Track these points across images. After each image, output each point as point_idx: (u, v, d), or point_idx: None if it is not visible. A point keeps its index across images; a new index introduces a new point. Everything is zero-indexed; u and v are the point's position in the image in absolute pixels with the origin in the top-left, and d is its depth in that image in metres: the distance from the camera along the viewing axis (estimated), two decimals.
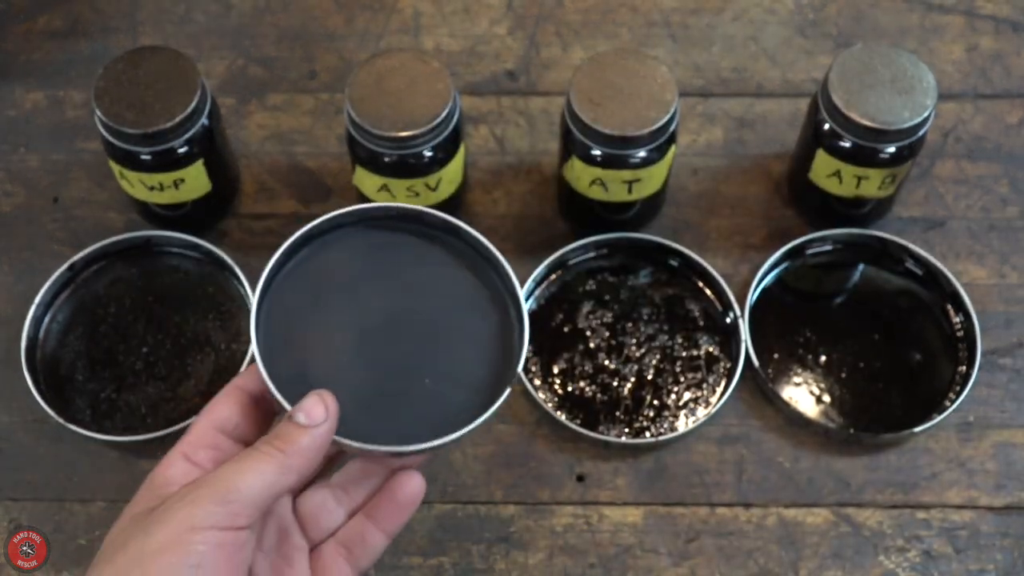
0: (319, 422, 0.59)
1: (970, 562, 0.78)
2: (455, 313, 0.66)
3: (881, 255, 0.88)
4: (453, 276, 0.66)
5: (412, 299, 0.66)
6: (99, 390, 0.82)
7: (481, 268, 0.67)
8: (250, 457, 0.58)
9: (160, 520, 0.56)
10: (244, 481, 0.56)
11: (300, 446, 0.58)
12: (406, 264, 0.66)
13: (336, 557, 0.64)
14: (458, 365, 0.65)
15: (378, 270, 0.67)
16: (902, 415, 0.82)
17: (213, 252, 0.86)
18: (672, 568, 0.78)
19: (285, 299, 0.65)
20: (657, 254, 0.87)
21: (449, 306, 0.66)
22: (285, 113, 0.94)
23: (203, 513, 0.55)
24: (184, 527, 0.55)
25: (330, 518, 0.64)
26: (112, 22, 0.98)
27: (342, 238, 0.67)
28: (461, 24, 0.98)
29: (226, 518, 0.55)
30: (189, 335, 0.84)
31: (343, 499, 0.64)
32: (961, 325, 0.85)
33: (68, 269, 0.85)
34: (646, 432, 0.81)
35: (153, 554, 0.54)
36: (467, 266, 0.67)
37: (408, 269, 0.66)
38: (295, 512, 0.64)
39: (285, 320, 0.64)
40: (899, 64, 0.81)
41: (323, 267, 0.66)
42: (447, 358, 0.65)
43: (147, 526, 0.56)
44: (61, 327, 0.85)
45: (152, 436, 0.80)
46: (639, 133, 0.79)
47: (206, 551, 0.54)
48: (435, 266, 0.66)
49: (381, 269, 0.67)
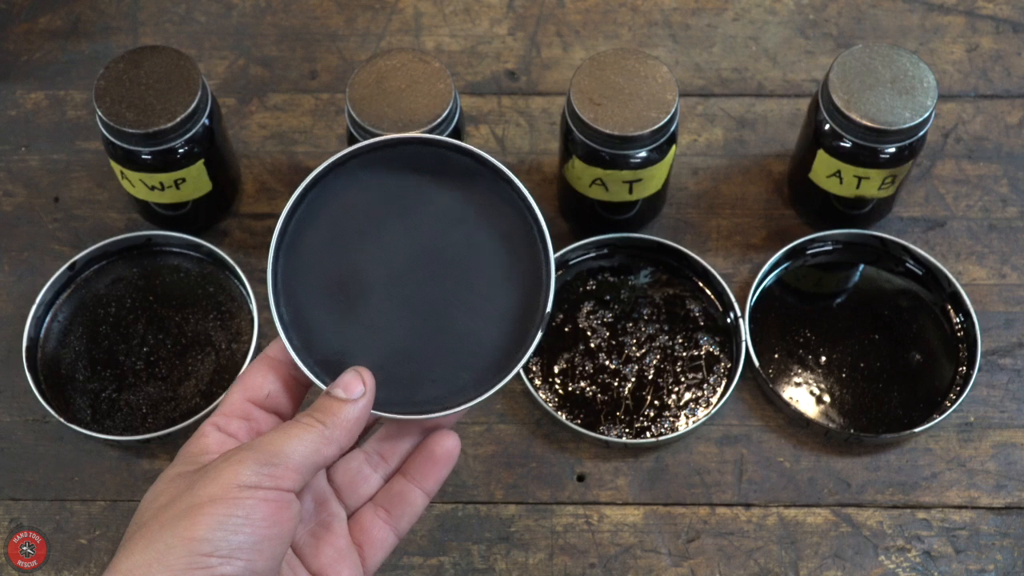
0: (357, 396, 0.60)
1: (970, 562, 0.78)
2: (479, 244, 0.64)
3: (881, 255, 0.88)
4: (474, 207, 0.64)
5: (435, 234, 0.64)
6: (100, 390, 0.82)
7: (500, 196, 0.64)
8: (293, 427, 0.58)
9: (207, 477, 0.55)
10: (289, 446, 0.57)
11: (340, 418, 0.59)
12: (425, 197, 0.64)
13: (375, 520, 0.63)
14: (489, 301, 0.63)
15: (396, 206, 0.64)
16: (902, 415, 0.82)
17: (214, 252, 0.86)
18: (672, 568, 0.78)
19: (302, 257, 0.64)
20: (658, 254, 0.87)
21: (472, 238, 0.64)
22: (286, 113, 0.94)
23: (249, 471, 0.55)
24: (231, 484, 0.54)
25: (366, 484, 0.64)
26: (113, 22, 0.98)
27: (354, 177, 0.65)
28: (462, 24, 0.98)
29: (271, 480, 0.55)
30: (190, 335, 0.84)
31: (379, 464, 0.64)
32: (961, 325, 0.85)
33: (69, 269, 0.85)
34: (647, 432, 0.81)
35: (201, 506, 0.54)
36: (486, 195, 0.64)
37: (428, 202, 0.64)
38: (331, 481, 0.63)
39: (306, 281, 0.63)
40: (899, 64, 0.81)
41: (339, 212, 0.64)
42: (477, 295, 0.63)
43: (192, 483, 0.56)
44: (62, 327, 0.85)
45: (152, 436, 0.80)
46: (640, 133, 0.79)
47: (254, 504, 0.54)
48: (454, 198, 0.64)
49: (399, 205, 0.64)
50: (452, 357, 0.63)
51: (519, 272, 0.63)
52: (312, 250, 0.64)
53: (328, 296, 0.63)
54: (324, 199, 0.64)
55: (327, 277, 0.63)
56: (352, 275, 0.63)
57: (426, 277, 0.63)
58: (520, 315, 0.63)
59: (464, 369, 0.63)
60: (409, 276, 0.63)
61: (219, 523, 0.54)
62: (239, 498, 0.54)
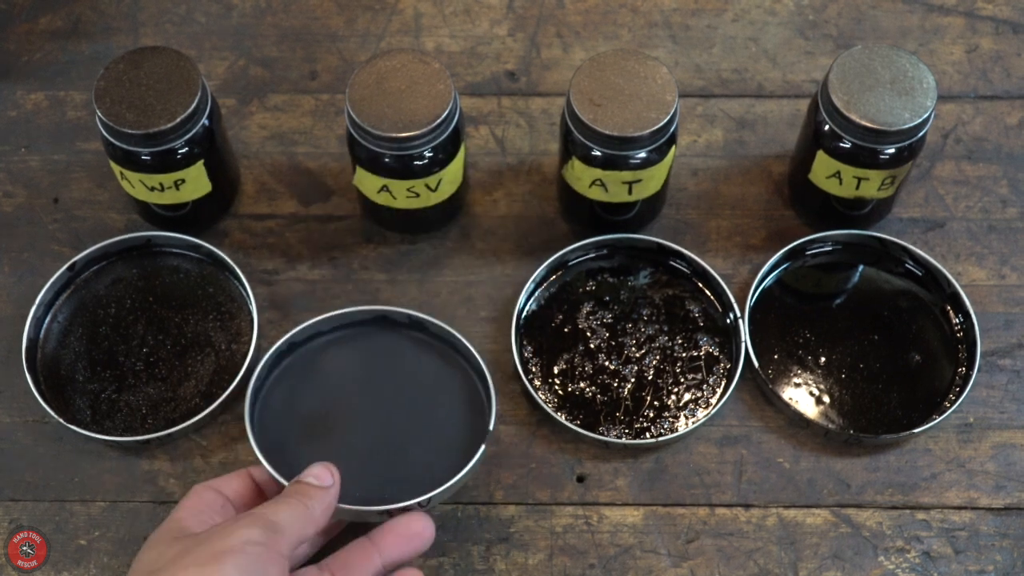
0: (328, 484, 0.70)
1: (970, 563, 0.78)
2: (429, 393, 0.79)
3: (881, 256, 0.88)
4: (425, 363, 0.80)
5: (391, 390, 0.79)
6: (100, 391, 0.82)
7: (446, 352, 0.80)
8: (284, 504, 0.68)
9: (221, 535, 0.65)
10: (284, 518, 0.67)
11: (317, 500, 0.69)
12: (382, 359, 0.80)
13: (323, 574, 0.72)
14: (437, 435, 0.77)
15: (359, 367, 0.80)
16: (901, 416, 0.82)
17: (214, 252, 0.86)
18: (672, 568, 0.78)
19: (274, 402, 0.78)
20: (657, 255, 0.87)
21: (423, 389, 0.79)
22: (286, 113, 0.94)
23: (257, 533, 0.65)
24: (245, 540, 0.65)
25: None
26: (113, 22, 0.98)
27: (323, 343, 0.81)
28: (462, 25, 0.98)
29: (273, 543, 0.66)
30: (189, 335, 0.84)
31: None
32: (961, 326, 0.85)
33: (68, 269, 0.85)
34: (646, 433, 0.81)
35: (224, 554, 0.64)
36: (434, 352, 0.81)
37: (384, 364, 0.80)
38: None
39: (279, 421, 0.78)
40: (899, 65, 0.81)
41: (307, 369, 0.80)
42: (427, 431, 0.77)
43: (201, 541, 0.66)
44: (62, 327, 0.85)
45: (152, 436, 0.80)
46: (639, 134, 0.79)
47: (264, 555, 0.65)
48: (407, 357, 0.80)
49: (361, 366, 0.80)
50: (405, 475, 0.76)
51: (464, 410, 0.79)
52: (281, 401, 0.79)
53: (294, 437, 0.77)
54: (295, 360, 0.80)
55: (295, 422, 0.78)
56: (317, 422, 0.78)
57: (383, 422, 0.78)
58: (468, 442, 0.77)
59: (415, 485, 0.75)
60: (368, 420, 0.78)
61: (239, 568, 0.63)
62: (252, 552, 0.64)
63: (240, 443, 0.82)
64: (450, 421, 0.78)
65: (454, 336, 0.80)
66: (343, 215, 0.90)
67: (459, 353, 0.80)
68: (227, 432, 0.82)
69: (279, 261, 0.88)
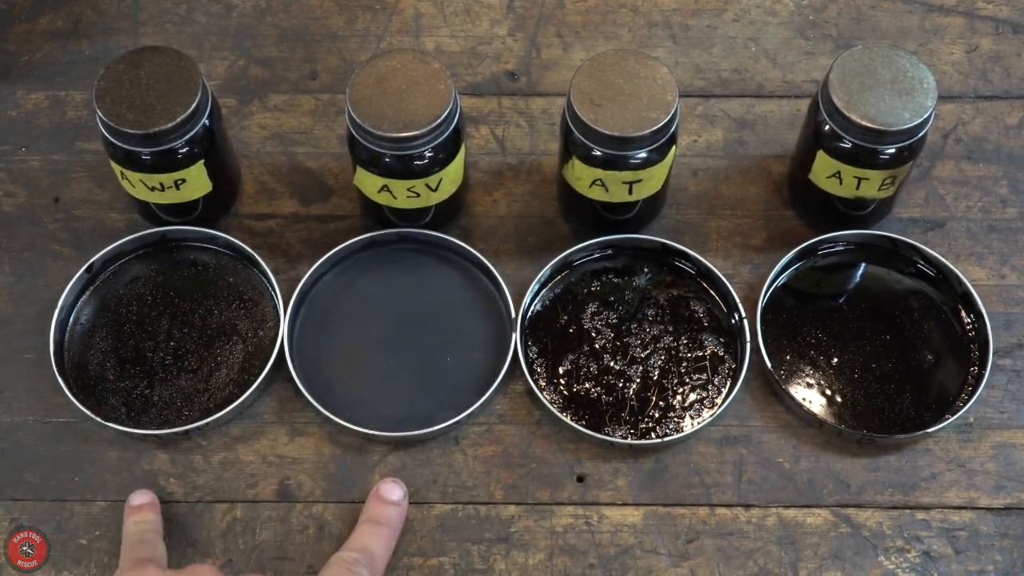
0: (400, 499, 0.78)
1: (970, 563, 0.79)
2: (453, 308, 0.85)
3: (892, 256, 0.88)
4: (446, 278, 0.87)
5: (416, 305, 0.85)
6: (131, 388, 0.83)
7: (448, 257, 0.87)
8: (373, 530, 0.76)
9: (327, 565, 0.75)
10: (374, 545, 0.76)
11: (395, 520, 0.77)
12: (404, 278, 0.86)
13: None
14: (463, 339, 0.84)
15: (382, 288, 0.86)
16: (913, 416, 0.82)
17: (232, 242, 0.86)
18: (672, 568, 0.78)
19: (308, 332, 0.84)
20: (661, 255, 0.87)
21: (446, 304, 0.86)
22: (286, 113, 0.94)
23: (352, 557, 0.74)
24: (347, 561, 0.74)
25: None
26: (113, 23, 0.98)
27: (348, 265, 0.87)
28: (462, 25, 0.98)
29: (370, 568, 0.74)
30: (215, 326, 0.84)
31: None
32: (972, 326, 0.85)
33: (87, 271, 0.85)
34: (651, 433, 0.81)
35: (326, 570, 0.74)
36: (435, 259, 0.87)
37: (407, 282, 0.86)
38: None
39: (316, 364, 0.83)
40: (899, 65, 0.81)
41: (335, 293, 0.86)
42: (453, 338, 0.84)
43: None
44: (85, 329, 0.85)
45: (191, 427, 0.80)
46: (639, 134, 0.79)
47: None
48: (430, 274, 0.87)
49: (385, 287, 0.86)
50: (447, 384, 0.83)
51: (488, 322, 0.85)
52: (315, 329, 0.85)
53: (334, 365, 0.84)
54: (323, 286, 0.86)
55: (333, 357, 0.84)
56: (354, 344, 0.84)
57: (413, 337, 0.84)
58: (496, 345, 0.84)
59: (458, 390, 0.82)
60: (400, 337, 0.84)
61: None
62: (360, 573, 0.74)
63: (240, 443, 0.82)
64: (470, 322, 0.85)
65: (449, 241, 0.86)
66: (343, 215, 0.90)
67: (460, 255, 0.87)
68: (227, 432, 0.82)
69: (279, 261, 0.88)
